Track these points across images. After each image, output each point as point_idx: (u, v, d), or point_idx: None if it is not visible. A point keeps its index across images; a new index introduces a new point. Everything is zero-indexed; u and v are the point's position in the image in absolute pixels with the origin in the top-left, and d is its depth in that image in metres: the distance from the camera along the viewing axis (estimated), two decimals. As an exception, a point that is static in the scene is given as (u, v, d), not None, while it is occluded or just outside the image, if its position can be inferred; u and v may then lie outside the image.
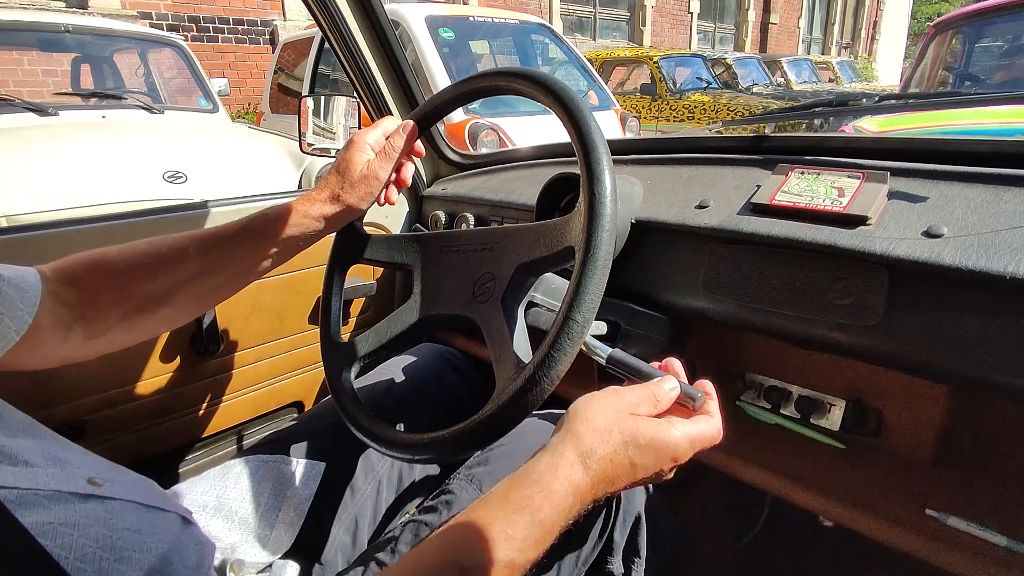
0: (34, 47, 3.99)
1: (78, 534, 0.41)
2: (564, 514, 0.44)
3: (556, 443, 0.47)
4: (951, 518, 0.64)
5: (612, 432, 0.48)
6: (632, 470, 0.47)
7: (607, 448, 0.47)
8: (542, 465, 0.46)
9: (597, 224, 0.51)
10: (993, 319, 0.57)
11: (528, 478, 0.45)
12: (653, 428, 0.49)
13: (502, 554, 0.42)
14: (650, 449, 0.48)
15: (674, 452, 0.49)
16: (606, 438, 0.47)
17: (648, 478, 0.49)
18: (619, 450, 0.47)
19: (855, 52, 18.33)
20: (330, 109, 1.17)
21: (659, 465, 0.49)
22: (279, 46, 5.72)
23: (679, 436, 0.50)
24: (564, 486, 0.45)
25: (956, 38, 2.50)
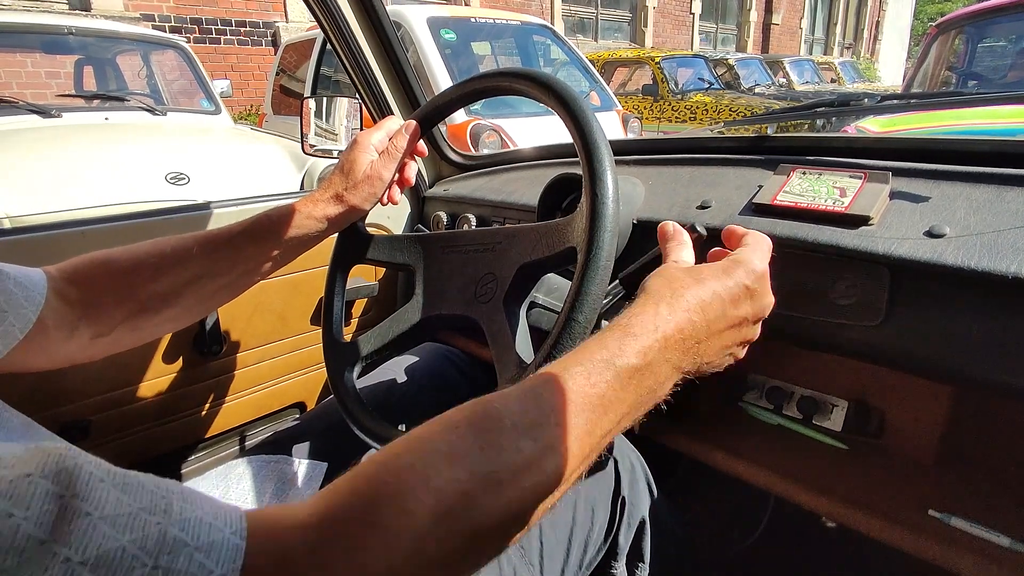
0: (37, 49, 4.01)
1: None
2: (656, 331, 0.42)
3: (640, 296, 0.46)
4: (954, 518, 0.64)
5: (679, 272, 0.47)
6: (716, 296, 0.45)
7: (681, 284, 0.45)
8: (624, 313, 0.45)
9: (599, 225, 0.51)
10: (996, 319, 0.57)
11: (613, 323, 0.44)
12: (718, 263, 0.48)
13: (602, 356, 0.40)
14: (717, 270, 0.47)
15: (747, 263, 0.48)
16: (677, 277, 0.46)
17: (742, 308, 0.47)
18: (692, 282, 0.46)
19: (857, 52, 18.31)
20: (332, 110, 1.17)
21: (739, 282, 0.47)
22: (281, 48, 5.74)
23: (741, 251, 0.50)
24: (650, 309, 0.43)
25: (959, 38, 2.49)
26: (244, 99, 7.25)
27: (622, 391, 0.40)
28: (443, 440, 0.35)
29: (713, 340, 0.46)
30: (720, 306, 0.46)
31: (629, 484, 0.78)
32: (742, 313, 0.47)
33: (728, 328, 0.47)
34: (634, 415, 0.42)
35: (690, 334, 0.44)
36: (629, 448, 0.81)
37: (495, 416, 0.36)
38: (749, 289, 0.47)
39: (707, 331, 0.45)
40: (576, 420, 0.37)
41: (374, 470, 0.33)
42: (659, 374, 0.42)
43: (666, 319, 0.43)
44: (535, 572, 0.67)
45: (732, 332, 0.47)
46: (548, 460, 0.36)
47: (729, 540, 1.10)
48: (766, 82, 8.46)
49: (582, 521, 0.73)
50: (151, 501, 0.27)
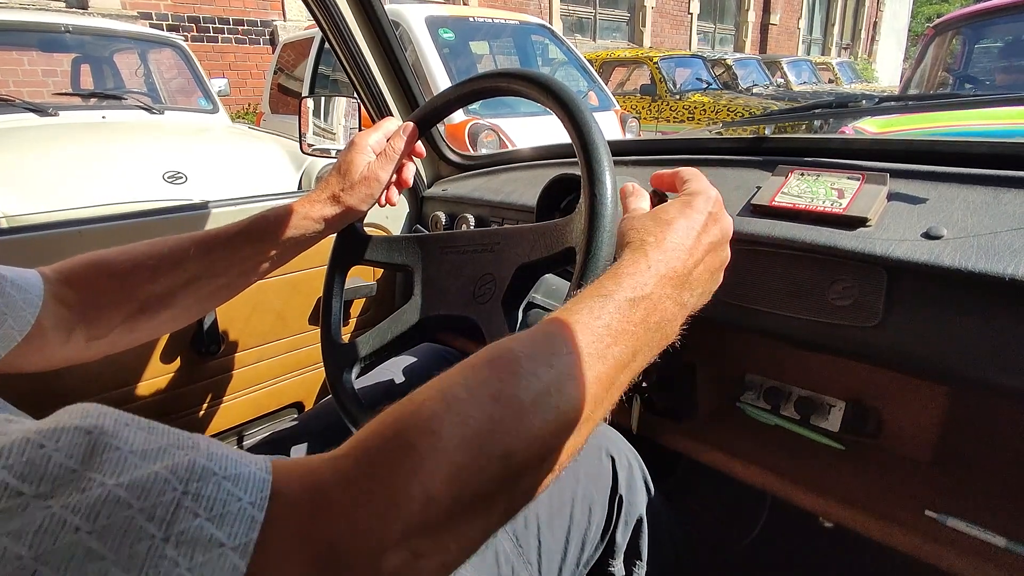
0: (34, 47, 3.99)
1: None
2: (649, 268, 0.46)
3: (620, 252, 0.50)
4: (950, 519, 0.64)
5: (644, 219, 0.52)
6: (687, 229, 0.50)
7: (654, 228, 0.50)
8: (613, 264, 0.48)
9: (598, 225, 0.51)
10: (992, 320, 0.57)
11: (606, 272, 0.48)
12: (673, 202, 0.54)
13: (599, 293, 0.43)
14: (678, 207, 0.52)
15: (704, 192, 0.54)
16: (645, 224, 0.51)
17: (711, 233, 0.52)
18: (661, 225, 0.50)
19: (855, 53, 18.35)
20: (330, 110, 1.17)
21: (701, 211, 0.52)
22: (279, 46, 5.73)
23: (697, 184, 0.55)
24: (638, 253, 0.47)
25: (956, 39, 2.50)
26: (242, 98, 7.23)
27: (627, 322, 0.42)
28: (462, 376, 0.36)
29: (699, 268, 0.51)
30: (695, 236, 0.50)
31: (626, 483, 0.79)
32: (713, 238, 0.52)
33: (707, 254, 0.51)
34: (649, 350, 0.45)
35: (680, 269, 0.48)
36: (626, 447, 0.82)
37: (509, 352, 0.37)
38: (712, 215, 0.53)
39: (692, 262, 0.49)
40: (588, 348, 0.39)
41: (399, 408, 0.34)
42: (663, 309, 0.45)
43: (656, 259, 0.47)
44: (533, 571, 0.67)
45: (711, 257, 0.52)
46: (567, 384, 0.37)
47: (726, 539, 1.10)
48: (764, 82, 8.48)
49: (579, 519, 0.73)
50: (178, 439, 0.28)
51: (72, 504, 0.23)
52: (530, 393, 0.35)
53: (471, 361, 0.37)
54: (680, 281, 0.48)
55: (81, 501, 0.23)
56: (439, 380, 0.36)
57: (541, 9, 10.12)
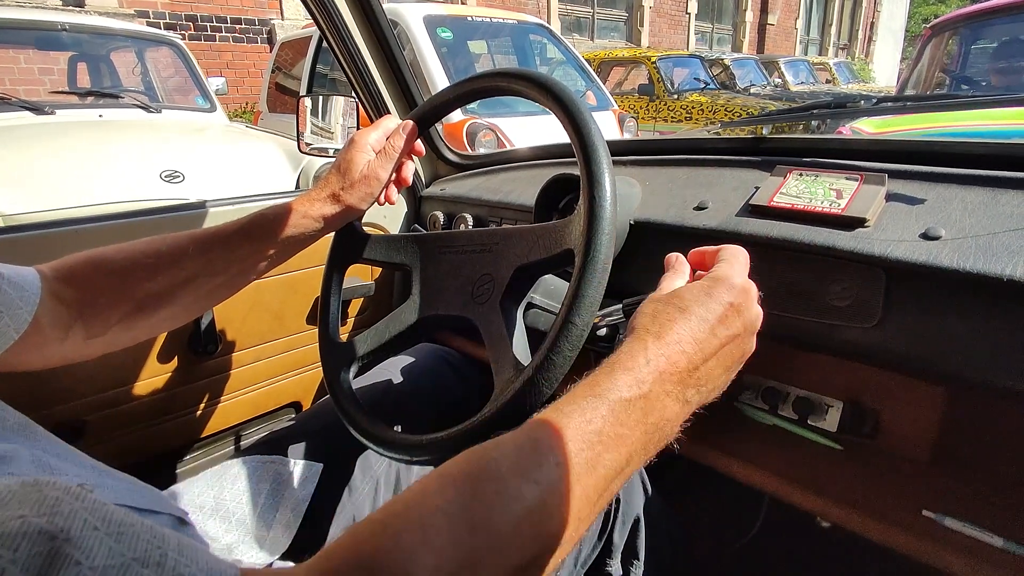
0: (30, 45, 3.98)
1: None
2: (648, 363, 0.42)
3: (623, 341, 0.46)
4: (948, 519, 0.64)
5: (659, 304, 0.47)
6: (701, 318, 0.45)
7: (663, 314, 0.45)
8: (612, 356, 0.44)
9: (597, 227, 0.51)
10: (990, 321, 0.57)
11: (603, 363, 0.44)
12: (697, 283, 0.48)
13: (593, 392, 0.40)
14: (697, 292, 0.47)
15: (725, 280, 0.48)
16: (657, 308, 0.46)
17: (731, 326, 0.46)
18: (673, 310, 0.46)
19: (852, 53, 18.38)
20: (328, 109, 1.17)
21: (721, 300, 0.46)
22: (277, 45, 5.72)
23: (715, 269, 0.49)
24: (638, 344, 0.43)
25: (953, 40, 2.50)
26: (240, 97, 7.22)
27: (621, 426, 0.39)
28: (441, 496, 0.33)
29: (710, 363, 0.45)
30: (708, 329, 0.45)
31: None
32: (732, 331, 0.46)
33: (721, 348, 0.46)
34: (644, 453, 0.41)
35: (684, 365, 0.43)
36: None
37: (491, 464, 0.35)
38: (734, 306, 0.47)
39: (702, 356, 0.44)
40: (577, 458, 0.36)
41: (373, 531, 0.32)
42: (663, 409, 0.42)
43: (656, 353, 0.43)
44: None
45: (727, 351, 0.47)
46: (551, 505, 0.35)
47: (724, 539, 1.11)
48: (761, 82, 8.49)
49: None
50: (145, 552, 0.26)
51: None
52: (512, 519, 0.33)
53: (452, 474, 0.35)
54: (683, 377, 0.43)
55: None
56: (419, 496, 0.33)
57: (539, 8, 10.12)
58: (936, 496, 0.69)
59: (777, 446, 0.80)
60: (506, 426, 0.51)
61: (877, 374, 0.75)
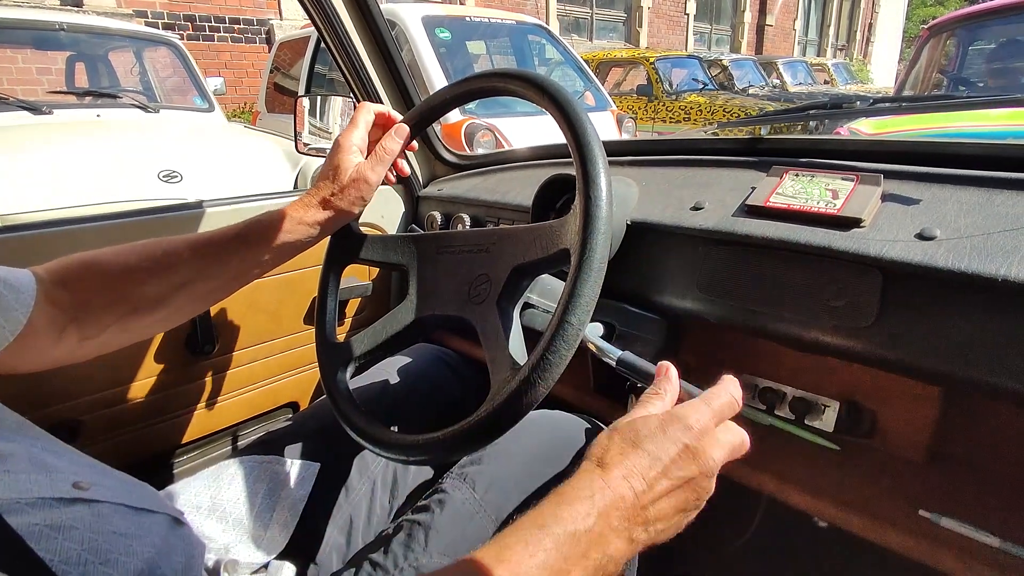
0: (28, 45, 3.98)
1: (62, 537, 0.41)
2: (592, 496, 0.42)
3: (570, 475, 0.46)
4: (944, 519, 0.64)
5: (614, 434, 0.47)
6: (652, 456, 0.44)
7: (614, 447, 0.45)
8: (557, 489, 0.44)
9: (592, 227, 0.51)
10: (985, 321, 0.58)
11: (546, 498, 0.43)
12: (655, 416, 0.47)
13: (538, 524, 0.40)
14: (653, 428, 0.46)
15: (682, 420, 0.46)
16: (611, 439, 0.46)
17: (684, 468, 0.45)
18: (624, 443, 0.45)
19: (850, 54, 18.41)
20: (326, 109, 1.17)
21: (677, 440, 0.45)
22: (275, 45, 5.71)
23: (678, 407, 0.48)
24: (584, 478, 0.43)
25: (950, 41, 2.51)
26: (238, 97, 7.21)
27: (564, 561, 0.39)
28: None
29: (661, 504, 0.44)
30: (659, 468, 0.44)
31: None
32: (685, 473, 0.45)
33: (673, 489, 0.44)
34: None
35: (631, 501, 0.43)
36: None
37: None
38: (689, 448, 0.45)
39: (650, 494, 0.43)
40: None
41: None
42: (606, 544, 0.41)
43: (602, 485, 0.42)
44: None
45: (679, 493, 0.45)
46: None
47: (720, 539, 1.11)
48: (760, 83, 8.50)
49: None
50: None
51: None
52: None
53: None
54: (630, 515, 0.42)
55: None
56: None
57: (538, 9, 10.12)
58: (933, 496, 0.69)
59: (774, 446, 0.80)
60: (502, 426, 0.52)
61: (873, 374, 0.75)
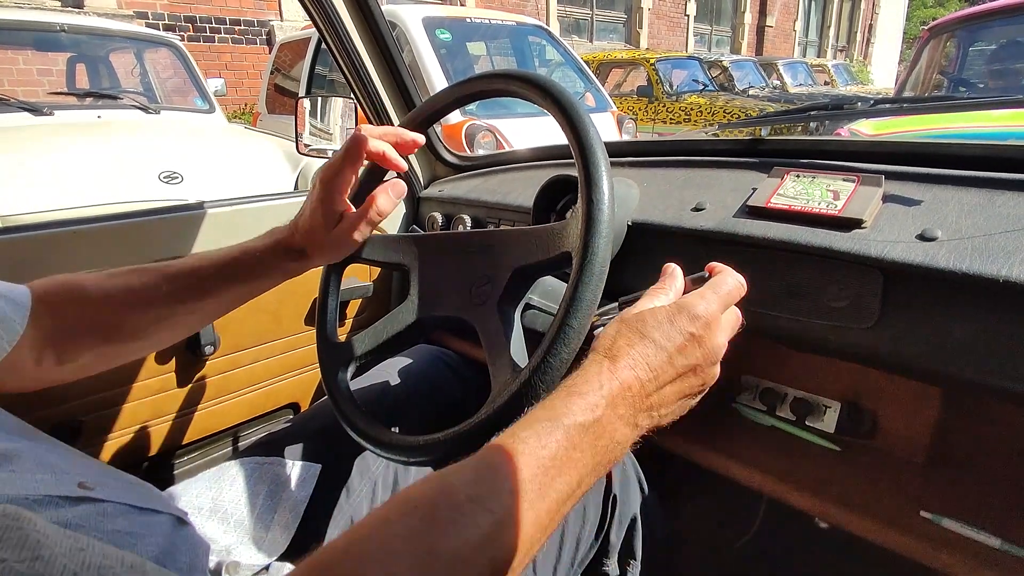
0: (29, 46, 3.98)
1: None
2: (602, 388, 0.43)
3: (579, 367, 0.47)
4: (945, 520, 0.64)
5: (622, 325, 0.48)
6: (658, 346, 0.45)
7: (622, 337, 0.46)
8: (568, 377, 0.46)
9: (594, 230, 0.51)
10: (987, 322, 0.58)
11: (559, 387, 0.45)
12: (657, 306, 0.48)
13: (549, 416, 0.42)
14: (661, 318, 0.47)
15: (690, 310, 0.47)
16: (619, 331, 0.47)
17: (689, 356, 0.46)
18: (632, 333, 0.46)
19: (851, 55, 18.42)
20: (327, 110, 1.17)
21: (683, 330, 0.46)
22: (276, 46, 5.72)
23: (686, 296, 0.49)
24: (593, 368, 0.45)
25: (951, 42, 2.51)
26: (238, 98, 7.22)
27: (574, 450, 0.41)
28: (403, 524, 0.35)
29: (665, 391, 0.46)
30: (664, 357, 0.46)
31: (620, 482, 0.79)
32: (690, 361, 0.46)
33: (677, 377, 0.46)
34: (594, 474, 0.43)
35: (637, 389, 0.44)
36: None
37: (452, 492, 0.37)
38: (695, 336, 0.47)
39: (655, 383, 0.45)
40: (530, 485, 0.38)
41: (335, 558, 0.33)
42: (613, 431, 0.43)
43: (609, 376, 0.44)
44: (527, 571, 0.67)
45: (683, 380, 0.47)
46: (505, 532, 0.36)
47: (721, 540, 1.11)
48: (760, 84, 8.51)
49: (574, 518, 0.73)
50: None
51: None
52: (468, 546, 0.35)
53: (415, 499, 0.37)
54: (635, 402, 0.44)
55: None
56: (381, 524, 0.35)
57: (538, 10, 10.13)
58: (934, 497, 0.69)
59: (775, 447, 0.80)
60: (503, 428, 0.51)
61: (875, 375, 0.75)
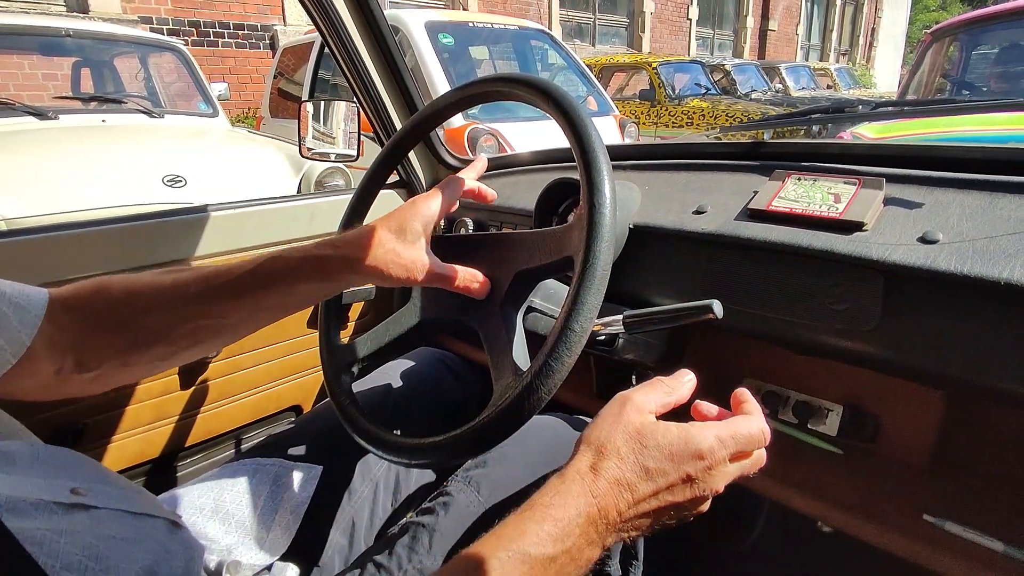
0: (35, 51, 4.00)
1: (64, 541, 0.41)
2: (579, 515, 0.42)
3: (564, 468, 0.45)
4: (948, 523, 0.64)
5: (619, 436, 0.45)
6: (649, 477, 0.43)
7: (615, 455, 0.44)
8: (549, 484, 0.44)
9: (596, 235, 0.51)
10: (988, 324, 0.58)
11: (535, 500, 0.43)
12: (662, 425, 0.45)
13: (519, 544, 0.40)
14: (663, 446, 0.44)
15: (696, 447, 0.44)
16: (614, 443, 0.44)
17: (677, 495, 0.44)
18: (627, 453, 0.44)
19: (853, 59, 18.42)
20: (330, 114, 1.18)
21: (680, 468, 0.43)
22: (279, 51, 5.73)
23: (698, 428, 0.45)
24: (575, 487, 0.43)
25: (953, 45, 2.51)
26: (242, 102, 7.24)
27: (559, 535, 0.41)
28: None
29: (640, 520, 0.44)
30: (650, 489, 0.43)
31: None
32: (676, 499, 0.44)
33: (658, 509, 0.44)
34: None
35: (613, 517, 0.43)
36: None
37: None
38: (690, 478, 0.44)
39: (633, 511, 0.43)
40: None
41: None
42: (579, 555, 0.42)
43: (588, 501, 0.42)
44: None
45: (662, 513, 0.45)
46: None
47: (724, 543, 1.10)
48: (762, 88, 8.52)
49: None
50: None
51: None
52: None
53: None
54: (610, 529, 0.43)
55: None
56: None
57: (541, 14, 10.16)
58: (936, 500, 0.69)
59: (777, 450, 0.80)
60: (504, 431, 0.52)
61: (876, 378, 0.75)
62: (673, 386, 0.50)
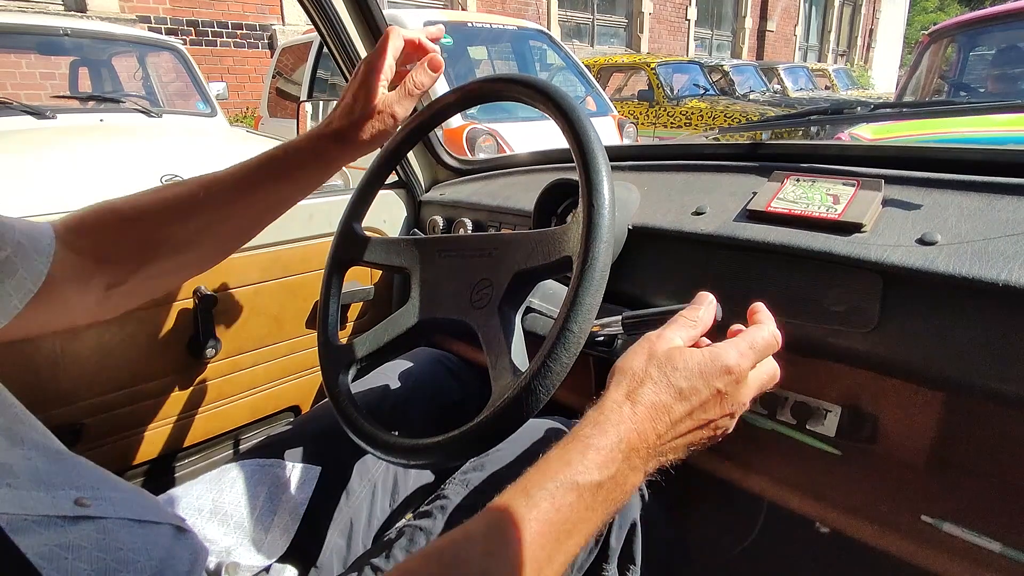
0: (32, 50, 3.99)
1: (73, 556, 0.41)
2: (620, 441, 0.43)
3: (601, 399, 0.47)
4: (947, 524, 0.64)
5: (650, 364, 0.46)
6: (683, 397, 0.45)
7: (649, 380, 0.45)
8: (588, 417, 0.45)
9: (595, 235, 0.51)
10: (986, 326, 0.58)
11: (575, 433, 0.45)
12: (689, 350, 0.47)
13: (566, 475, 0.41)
14: (692, 367, 0.46)
15: (723, 363, 0.46)
16: (647, 370, 0.46)
17: (710, 411, 0.46)
18: (660, 377, 0.46)
19: (851, 60, 18.45)
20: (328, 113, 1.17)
21: (711, 385, 0.45)
22: (278, 51, 5.73)
23: (722, 346, 0.47)
24: (613, 415, 0.44)
25: (951, 46, 2.52)
26: (240, 102, 7.24)
27: (587, 511, 0.41)
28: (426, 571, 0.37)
29: (679, 440, 0.46)
30: (686, 409, 0.45)
31: None
32: (710, 415, 0.46)
33: (694, 428, 0.46)
34: (602, 527, 0.44)
35: (653, 440, 0.44)
36: None
37: (461, 559, 0.38)
38: (721, 392, 0.46)
39: (671, 433, 0.45)
40: (540, 552, 0.39)
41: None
42: (624, 482, 0.43)
43: (629, 426, 0.44)
44: None
45: (698, 432, 0.47)
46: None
47: (722, 545, 1.10)
48: (761, 88, 8.53)
49: None
50: None
51: None
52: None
53: (437, 552, 0.39)
54: (649, 452, 0.44)
55: None
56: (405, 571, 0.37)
57: (539, 14, 10.16)
58: (935, 501, 0.69)
59: (775, 451, 0.80)
60: (503, 432, 0.52)
61: (875, 379, 0.75)
62: (694, 317, 0.52)
